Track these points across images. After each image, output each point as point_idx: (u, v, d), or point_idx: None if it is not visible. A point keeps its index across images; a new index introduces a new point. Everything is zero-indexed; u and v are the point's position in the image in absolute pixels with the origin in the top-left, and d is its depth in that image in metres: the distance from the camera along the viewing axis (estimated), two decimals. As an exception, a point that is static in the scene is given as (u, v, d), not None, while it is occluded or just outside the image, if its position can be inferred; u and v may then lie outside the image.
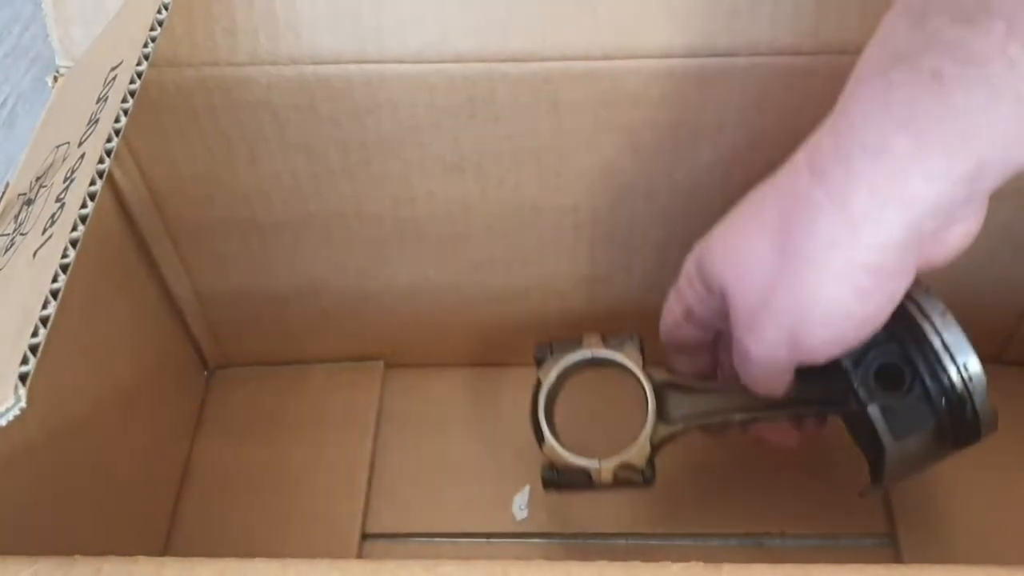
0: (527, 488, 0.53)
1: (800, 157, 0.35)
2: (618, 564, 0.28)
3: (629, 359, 0.46)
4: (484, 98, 0.44)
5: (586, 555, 0.51)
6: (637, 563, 0.28)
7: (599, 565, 0.28)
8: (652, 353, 0.47)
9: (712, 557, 0.29)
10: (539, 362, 0.47)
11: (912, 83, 0.30)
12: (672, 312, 0.43)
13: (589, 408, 0.49)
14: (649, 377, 0.46)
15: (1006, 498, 0.51)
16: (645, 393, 0.45)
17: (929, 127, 0.30)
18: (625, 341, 0.47)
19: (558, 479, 0.45)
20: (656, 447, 0.44)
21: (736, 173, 0.46)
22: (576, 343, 0.47)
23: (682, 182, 0.47)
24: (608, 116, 0.44)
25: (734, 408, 0.44)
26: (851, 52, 0.41)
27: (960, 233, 0.35)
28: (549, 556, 0.52)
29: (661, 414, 0.45)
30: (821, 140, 0.34)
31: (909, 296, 0.42)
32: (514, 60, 0.42)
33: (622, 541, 0.52)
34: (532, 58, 0.42)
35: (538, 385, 0.46)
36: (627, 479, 0.44)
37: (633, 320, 0.55)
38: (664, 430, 0.44)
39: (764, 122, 0.44)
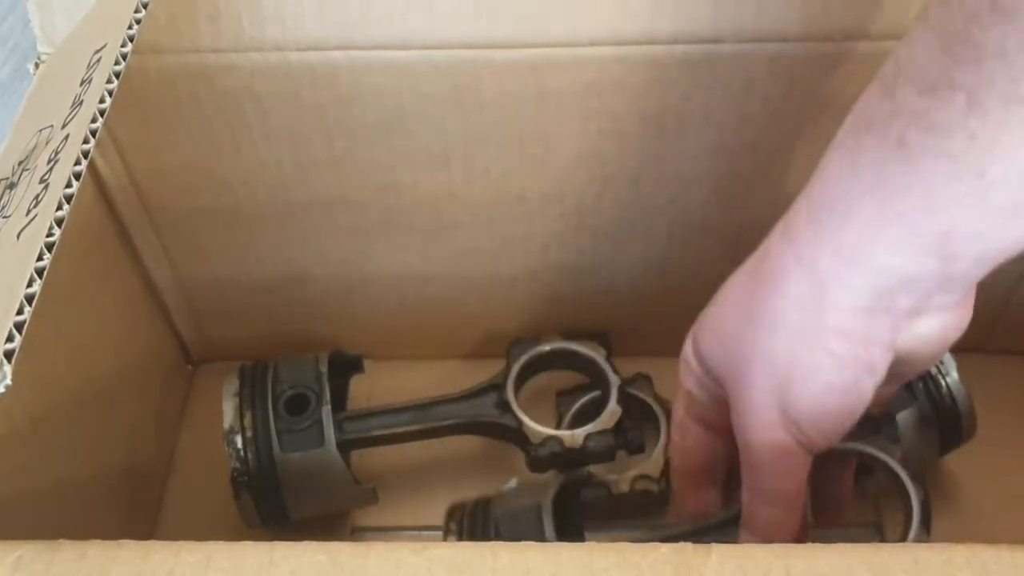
0: (514, 480, 0.53)
1: (777, 225, 0.35)
2: (608, 544, 0.28)
3: (642, 393, 0.52)
4: (469, 85, 0.44)
5: (573, 546, 0.51)
6: (626, 544, 0.28)
7: (588, 546, 0.28)
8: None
9: (701, 546, 0.29)
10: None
11: (880, 148, 0.30)
12: (676, 413, 0.42)
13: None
14: (661, 404, 0.51)
15: (993, 485, 0.52)
16: (658, 415, 0.51)
17: (894, 195, 0.30)
18: (637, 378, 0.53)
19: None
20: (669, 460, 0.48)
21: (722, 160, 0.46)
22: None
23: (668, 170, 0.47)
24: (594, 104, 0.44)
25: None
26: (835, 39, 0.42)
27: (941, 325, 0.34)
28: (536, 547, 0.51)
29: None
30: (797, 204, 0.34)
31: None
32: (499, 47, 0.42)
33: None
34: (517, 45, 0.42)
35: (560, 418, 0.53)
36: (644, 489, 0.49)
37: (619, 309, 0.55)
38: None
39: (750, 109, 0.44)
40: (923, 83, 0.29)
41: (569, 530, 0.44)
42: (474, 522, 0.43)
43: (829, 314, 0.33)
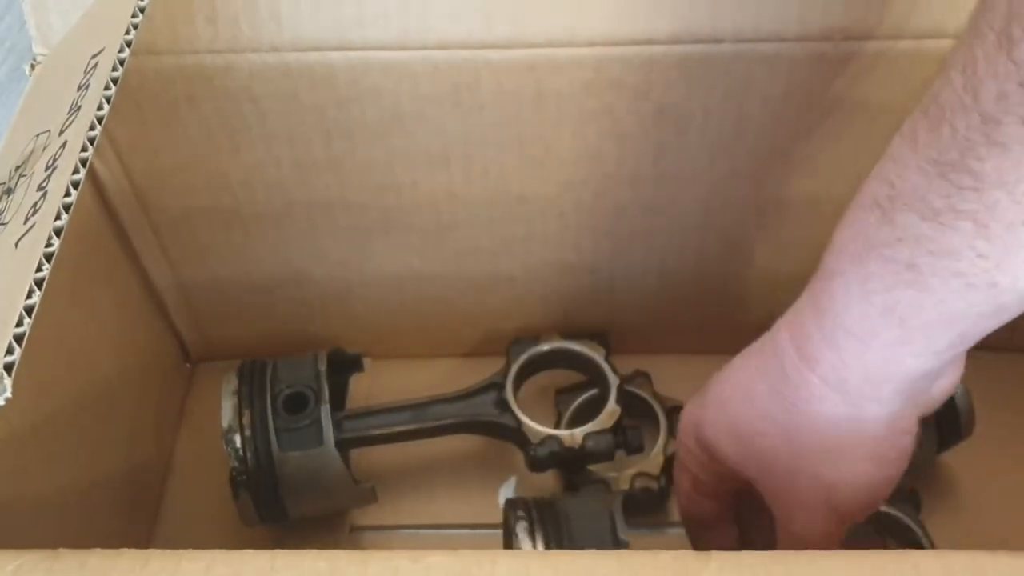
0: (513, 479, 0.53)
1: (783, 336, 0.36)
2: (608, 552, 0.28)
3: (641, 390, 0.53)
4: (468, 85, 0.43)
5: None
6: (627, 551, 0.28)
7: (588, 553, 0.28)
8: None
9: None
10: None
11: (889, 272, 0.32)
12: (682, 487, 0.44)
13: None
14: (660, 401, 0.52)
15: (992, 483, 0.52)
16: (657, 412, 0.51)
17: (911, 313, 0.32)
18: (636, 376, 0.53)
19: None
20: (668, 459, 0.49)
21: (721, 160, 0.46)
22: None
23: (667, 169, 0.47)
24: (593, 104, 0.44)
25: None
26: (834, 39, 0.42)
27: (949, 380, 0.37)
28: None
29: (672, 431, 0.51)
30: (805, 323, 0.35)
31: None
32: (498, 47, 0.42)
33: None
34: (516, 45, 0.42)
35: (559, 416, 0.53)
36: (644, 487, 0.49)
37: (618, 309, 0.55)
38: (675, 444, 0.47)
39: (749, 108, 0.44)
40: (926, 210, 0.30)
41: None
42: (542, 511, 0.44)
43: (867, 427, 0.35)
